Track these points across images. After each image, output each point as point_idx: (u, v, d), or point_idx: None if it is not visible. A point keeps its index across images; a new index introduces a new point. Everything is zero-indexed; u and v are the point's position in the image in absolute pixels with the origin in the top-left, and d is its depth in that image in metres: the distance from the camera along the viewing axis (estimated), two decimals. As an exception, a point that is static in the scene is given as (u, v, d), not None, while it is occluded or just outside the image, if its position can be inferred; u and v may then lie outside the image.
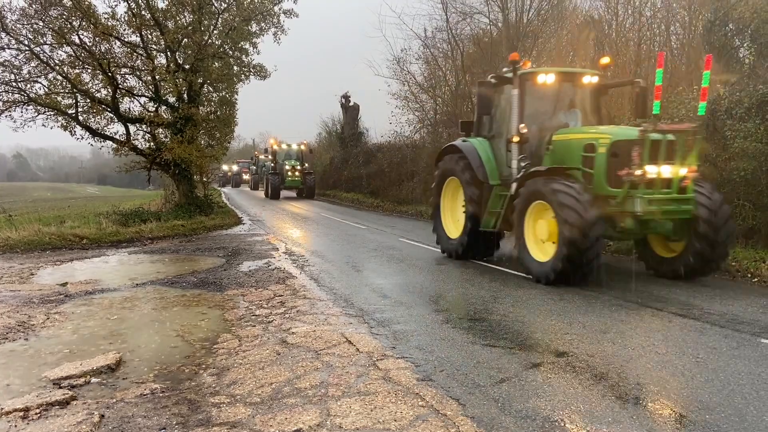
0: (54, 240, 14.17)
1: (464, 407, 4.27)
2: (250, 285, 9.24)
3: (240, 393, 4.70)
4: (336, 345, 5.88)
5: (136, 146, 20.26)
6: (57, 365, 5.43)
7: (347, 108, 38.28)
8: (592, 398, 4.42)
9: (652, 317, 6.84)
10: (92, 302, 8.18)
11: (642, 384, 4.70)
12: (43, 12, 17.90)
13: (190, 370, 5.33)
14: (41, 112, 18.98)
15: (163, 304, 8.05)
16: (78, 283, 9.44)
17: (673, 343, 5.81)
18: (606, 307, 7.39)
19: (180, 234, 16.55)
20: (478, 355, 5.50)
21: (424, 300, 7.96)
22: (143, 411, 4.38)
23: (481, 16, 27.00)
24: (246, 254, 12.63)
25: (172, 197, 22.03)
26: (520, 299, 7.87)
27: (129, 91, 20.04)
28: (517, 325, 6.56)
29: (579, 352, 5.53)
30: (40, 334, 6.59)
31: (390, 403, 4.35)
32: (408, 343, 5.93)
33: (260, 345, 6.01)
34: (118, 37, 19.04)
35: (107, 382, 5.04)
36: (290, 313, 7.34)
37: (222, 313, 7.48)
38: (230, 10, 20.54)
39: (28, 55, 18.43)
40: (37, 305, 7.90)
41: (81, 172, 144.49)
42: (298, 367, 5.23)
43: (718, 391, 4.55)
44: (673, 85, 14.35)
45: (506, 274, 9.83)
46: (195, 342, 6.23)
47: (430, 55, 27.44)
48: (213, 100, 21.89)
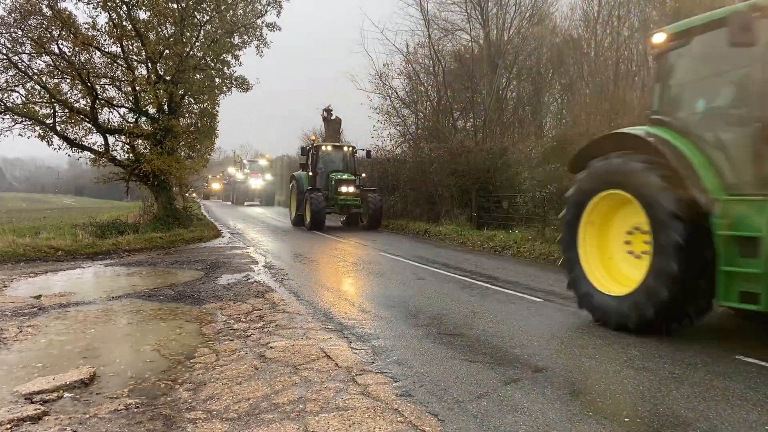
0: (28, 251, 13.94)
1: (443, 423, 4.26)
2: (229, 299, 9.15)
3: (217, 408, 4.64)
4: (315, 360, 5.84)
5: (114, 157, 20.08)
6: (29, 380, 5.31)
7: (329, 121, 38.34)
8: (570, 414, 4.44)
9: (629, 333, 6.89)
10: (67, 315, 8.04)
11: (619, 399, 4.74)
12: (22, 21, 17.74)
13: (166, 385, 5.25)
14: (18, 122, 18.74)
15: (140, 318, 7.94)
16: (52, 296, 9.28)
17: (650, 358, 5.86)
18: (583, 322, 7.43)
19: (158, 246, 16.37)
20: (458, 370, 5.49)
21: (404, 314, 7.95)
22: (117, 427, 4.30)
23: (463, 33, 27.36)
24: (225, 267, 12.53)
25: (150, 209, 21.81)
26: (499, 314, 7.90)
27: (108, 102, 19.89)
28: (496, 340, 6.58)
29: (557, 368, 5.55)
30: (12, 347, 6.45)
31: (369, 419, 4.32)
32: (387, 358, 5.91)
33: (238, 360, 5.94)
34: (99, 48, 18.93)
35: (80, 398, 4.94)
36: (269, 327, 7.28)
37: (199, 327, 7.40)
38: (212, 23, 20.54)
39: (6, 64, 18.23)
40: (9, 318, 7.74)
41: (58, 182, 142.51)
42: (276, 383, 5.18)
43: (694, 407, 4.59)
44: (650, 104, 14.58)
45: (486, 288, 9.87)
46: (171, 356, 6.14)
47: (412, 71, 27.66)
48: (194, 111, 21.81)
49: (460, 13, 26.53)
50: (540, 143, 15.89)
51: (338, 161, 24.24)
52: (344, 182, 22.33)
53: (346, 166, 24.19)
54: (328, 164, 23.94)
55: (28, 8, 17.60)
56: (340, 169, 23.74)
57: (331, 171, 23.22)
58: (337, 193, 22.15)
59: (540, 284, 10.25)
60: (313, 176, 23.45)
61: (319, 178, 23.25)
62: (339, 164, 24.08)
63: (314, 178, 23.45)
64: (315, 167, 23.72)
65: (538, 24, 25.61)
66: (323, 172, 23.35)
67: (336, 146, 24.88)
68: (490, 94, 24.06)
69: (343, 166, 24.11)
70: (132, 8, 18.74)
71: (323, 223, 21.41)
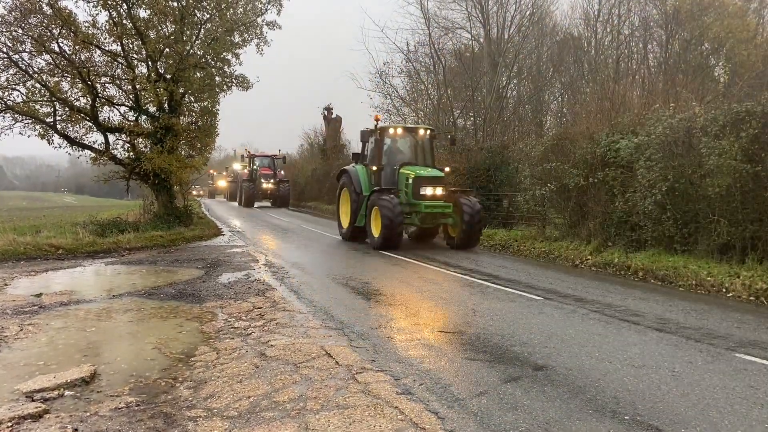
0: (29, 250, 13.93)
1: (443, 421, 4.27)
2: (229, 297, 9.16)
3: (217, 406, 4.65)
4: (315, 358, 5.84)
5: (115, 156, 20.04)
6: (30, 378, 5.32)
7: (329, 120, 38.36)
8: (569, 412, 4.45)
9: (629, 331, 6.90)
10: (67, 314, 8.05)
11: (619, 398, 4.74)
12: (23, 19, 17.71)
13: (167, 383, 5.26)
14: (19, 120, 18.70)
15: (140, 316, 7.94)
16: (53, 294, 9.29)
17: (650, 356, 5.87)
18: (584, 321, 7.45)
19: (158, 245, 16.38)
20: (458, 368, 5.50)
21: (405, 313, 7.95)
22: (118, 425, 4.31)
23: (463, 32, 27.35)
24: (225, 266, 12.54)
25: (150, 207, 21.78)
26: (500, 313, 7.91)
27: (109, 100, 19.85)
28: (497, 338, 6.59)
29: (557, 366, 5.56)
30: (13, 345, 6.46)
31: (369, 417, 4.33)
32: (388, 356, 5.92)
33: (238, 358, 5.95)
34: (99, 46, 18.88)
35: (81, 396, 4.95)
36: (269, 325, 7.29)
37: (200, 326, 7.41)
38: (213, 21, 20.50)
39: (7, 63, 18.19)
40: (10, 316, 7.75)
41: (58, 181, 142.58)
42: (276, 381, 5.19)
43: (694, 405, 4.60)
44: (650, 103, 14.60)
45: (486, 287, 9.88)
46: (172, 355, 6.15)
47: (413, 69, 27.67)
48: (194, 110, 21.76)
49: (461, 11, 26.55)
50: (540, 142, 15.86)
51: (409, 150, 17.48)
52: (427, 181, 15.42)
53: (423, 157, 17.30)
54: (396, 155, 17.26)
55: (28, 7, 17.57)
56: (414, 161, 17.07)
57: (401, 164, 16.46)
58: (420, 197, 15.28)
59: (540, 282, 10.25)
60: (377, 172, 16.37)
61: (385, 175, 16.61)
62: (410, 154, 17.38)
63: (378, 175, 16.41)
64: (378, 159, 16.61)
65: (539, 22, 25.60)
66: (388, 165, 16.69)
67: (409, 129, 17.37)
68: (490, 93, 24.06)
69: (416, 157, 17.35)
70: (132, 7, 18.71)
71: (400, 240, 15.19)
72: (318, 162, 39.80)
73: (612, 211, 12.63)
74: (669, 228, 11.17)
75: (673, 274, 10.26)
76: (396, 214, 14.54)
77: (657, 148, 11.45)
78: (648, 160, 11.57)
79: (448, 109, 26.64)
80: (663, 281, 10.37)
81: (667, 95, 15.56)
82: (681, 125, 11.22)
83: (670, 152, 11.23)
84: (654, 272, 10.66)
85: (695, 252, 10.82)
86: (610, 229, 12.75)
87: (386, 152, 16.96)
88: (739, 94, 15.46)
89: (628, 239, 12.25)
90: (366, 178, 16.69)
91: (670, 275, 10.32)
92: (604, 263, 11.99)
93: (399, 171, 16.15)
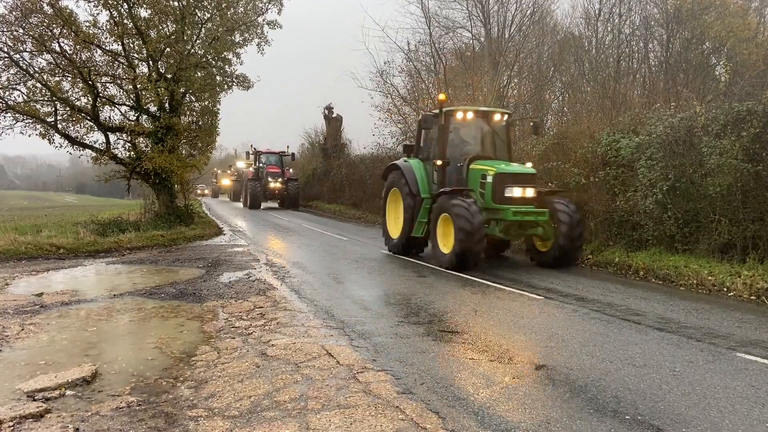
0: (30, 249, 13.94)
1: (444, 420, 4.27)
2: (230, 296, 9.16)
3: (218, 406, 4.65)
4: (316, 357, 5.85)
5: (115, 155, 20.05)
6: (31, 377, 5.33)
7: (330, 119, 38.33)
8: (570, 411, 4.45)
9: (630, 330, 6.90)
10: (68, 313, 8.06)
11: (620, 397, 4.74)
12: (24, 19, 17.71)
13: (168, 383, 5.26)
14: (20, 120, 18.71)
15: (141, 316, 7.95)
16: (54, 294, 9.29)
17: (651, 356, 5.87)
18: (585, 320, 7.45)
19: (159, 244, 16.38)
20: (459, 367, 5.50)
21: (406, 312, 7.96)
22: (119, 424, 4.31)
23: (464, 31, 27.35)
24: (226, 265, 12.54)
25: (151, 207, 21.79)
26: (500, 312, 7.91)
27: (109, 100, 19.86)
28: (497, 338, 6.59)
29: (558, 365, 5.56)
30: (14, 345, 6.47)
31: (370, 417, 4.33)
32: (388, 355, 5.92)
33: (239, 357, 5.96)
34: (100, 46, 18.89)
35: (83, 395, 4.96)
36: (270, 325, 7.29)
37: (201, 325, 7.41)
38: (213, 20, 20.49)
39: (7, 62, 18.21)
40: (11, 316, 7.76)
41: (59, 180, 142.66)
42: (277, 380, 5.19)
43: (695, 404, 4.60)
44: (651, 102, 14.59)
45: (487, 286, 9.87)
46: (173, 354, 6.15)
47: (413, 68, 27.65)
48: (195, 109, 21.77)
49: (461, 10, 26.54)
50: (541, 141, 15.84)
51: (479, 140, 13.43)
52: (514, 179, 11.80)
53: (495, 149, 13.44)
54: (461, 146, 13.33)
55: (29, 6, 17.57)
56: (488, 154, 13.17)
57: (469, 158, 12.68)
58: (503, 200, 11.61)
59: (541, 282, 10.24)
60: (443, 167, 12.55)
61: (450, 172, 12.69)
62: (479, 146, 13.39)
63: (444, 171, 12.67)
64: (443, 151, 12.75)
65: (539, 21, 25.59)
66: (451, 159, 12.80)
67: (482, 112, 13.26)
68: (491, 92, 24.03)
69: (486, 148, 13.38)
70: (133, 6, 18.71)
71: (479, 258, 11.46)
72: (319, 161, 39.77)
73: (613, 210, 12.62)
74: (670, 227, 11.17)
75: (674, 274, 10.25)
76: (476, 223, 10.87)
77: (658, 148, 11.45)
78: (649, 160, 11.57)
79: (448, 108, 26.60)
80: (664, 281, 10.36)
81: (668, 94, 15.56)
82: (682, 124, 11.21)
83: (671, 151, 11.23)
84: (655, 271, 10.66)
85: (696, 251, 10.82)
86: (611, 229, 12.75)
87: (450, 143, 13.03)
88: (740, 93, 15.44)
89: (628, 238, 12.25)
90: (424, 176, 13.26)
91: (671, 274, 10.31)
92: (605, 262, 11.99)
93: (468, 167, 12.54)
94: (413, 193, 13.18)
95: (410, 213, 13.19)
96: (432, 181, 13.14)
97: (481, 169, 12.28)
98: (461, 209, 11.11)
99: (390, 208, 14.44)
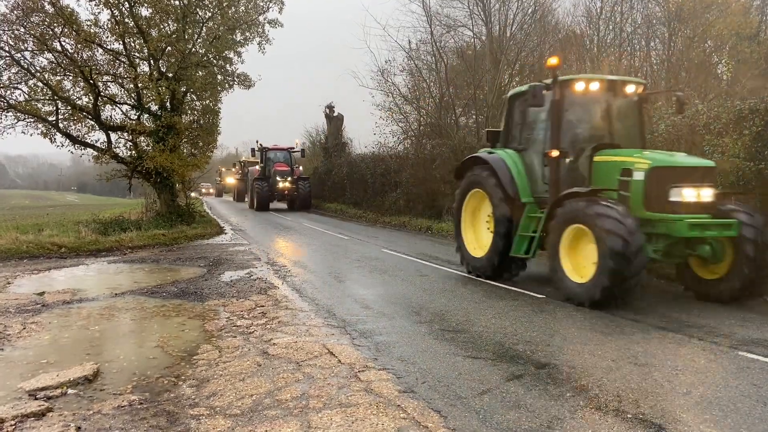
0: (32, 248, 13.96)
1: (446, 419, 4.27)
2: (232, 295, 9.17)
3: (220, 405, 4.65)
4: (318, 356, 5.84)
5: (117, 154, 20.09)
6: (33, 376, 5.33)
7: (331, 118, 38.31)
8: (572, 410, 4.44)
9: (632, 329, 6.89)
10: (70, 312, 8.06)
11: (621, 396, 4.74)
12: (25, 18, 17.74)
13: (169, 382, 5.26)
14: (21, 119, 18.75)
15: (143, 315, 7.95)
16: (56, 293, 9.30)
17: (652, 355, 5.86)
18: (586, 318, 7.44)
19: (161, 243, 16.39)
20: (460, 366, 5.50)
21: (407, 311, 7.96)
22: (120, 423, 4.32)
23: (465, 29, 27.28)
24: (227, 264, 12.55)
25: (153, 206, 21.82)
26: (502, 311, 7.90)
27: (111, 99, 19.90)
28: (499, 336, 6.58)
29: (560, 364, 5.55)
30: (16, 344, 6.47)
31: (371, 415, 4.33)
32: (390, 354, 5.92)
33: (241, 356, 5.96)
34: (101, 45, 18.92)
35: (84, 394, 4.96)
36: (272, 323, 7.29)
37: (202, 324, 7.41)
38: (215, 19, 20.52)
39: (9, 62, 18.24)
40: (13, 315, 7.76)
41: (60, 179, 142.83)
42: (279, 379, 5.19)
43: (697, 403, 4.59)
44: (652, 101, 14.56)
45: (488, 285, 9.86)
46: (174, 353, 6.15)
47: (414, 67, 27.59)
48: (196, 108, 21.80)
49: (463, 9, 26.48)
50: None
51: (601, 122, 9.96)
52: (684, 175, 8.43)
53: (626, 134, 10.00)
54: (582, 129, 9.97)
55: (30, 5, 17.60)
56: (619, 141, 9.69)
57: (593, 147, 9.30)
58: (668, 208, 8.27)
59: (542, 281, 10.23)
60: (558, 159, 9.21)
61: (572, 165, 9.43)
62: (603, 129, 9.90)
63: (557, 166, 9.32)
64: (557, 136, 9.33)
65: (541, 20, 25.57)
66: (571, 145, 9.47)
67: (611, 82, 9.65)
68: (492, 91, 24.00)
69: (613, 133, 9.85)
70: (134, 5, 18.74)
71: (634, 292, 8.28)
72: (320, 160, 39.79)
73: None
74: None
75: (676, 273, 10.22)
76: (636, 243, 7.67)
77: (660, 146, 11.43)
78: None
79: (450, 107, 26.61)
80: (666, 279, 10.35)
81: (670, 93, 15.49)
82: (684, 123, 11.19)
83: (673, 150, 11.17)
84: (656, 270, 10.63)
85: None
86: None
87: (567, 125, 9.53)
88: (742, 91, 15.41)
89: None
90: (523, 172, 9.92)
91: (672, 273, 10.28)
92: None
93: (591, 159, 9.18)
94: (510, 196, 9.80)
95: (506, 225, 9.83)
96: (530, 178, 9.89)
97: (618, 162, 8.82)
98: (612, 222, 7.72)
99: (468, 217, 11.14)
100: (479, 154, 10.89)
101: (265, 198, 32.01)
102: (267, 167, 33.71)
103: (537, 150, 9.92)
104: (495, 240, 10.06)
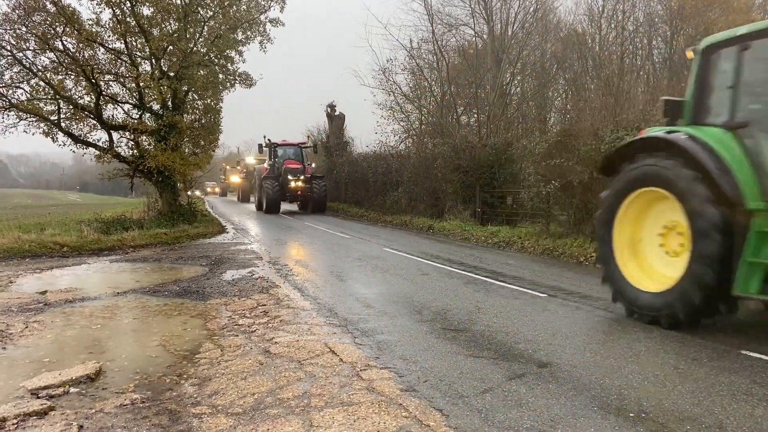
0: (34, 247, 13.98)
1: (447, 418, 4.26)
2: (233, 294, 9.17)
3: (222, 403, 4.65)
4: (319, 355, 5.85)
5: (119, 153, 20.11)
6: (35, 375, 5.34)
7: (333, 117, 38.35)
8: (574, 409, 4.44)
9: (634, 328, 6.88)
10: (72, 311, 8.07)
11: (624, 394, 4.73)
12: (27, 17, 17.76)
13: (172, 380, 5.27)
14: (23, 118, 18.76)
15: (145, 314, 7.96)
16: (58, 292, 9.31)
17: (655, 353, 5.85)
18: (588, 317, 7.43)
19: (162, 242, 16.41)
20: (462, 365, 5.50)
21: (408, 310, 7.95)
22: (123, 422, 4.32)
23: (467, 28, 27.31)
24: (229, 263, 12.55)
25: (155, 205, 21.85)
26: (504, 310, 7.89)
27: (112, 98, 19.92)
28: (501, 335, 6.58)
29: (562, 363, 5.55)
30: (18, 343, 6.48)
31: (373, 414, 4.33)
32: (392, 353, 5.92)
33: (243, 355, 5.96)
34: (102, 44, 18.94)
35: (86, 393, 4.96)
36: (273, 322, 7.30)
37: (204, 323, 7.42)
38: (216, 18, 20.53)
39: (11, 61, 18.25)
40: (15, 314, 7.77)
41: (62, 179, 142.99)
42: (280, 378, 5.19)
43: (699, 401, 4.59)
44: (655, 99, 14.55)
45: (490, 284, 9.86)
46: (177, 352, 6.16)
47: (416, 66, 27.63)
48: (198, 107, 21.83)
49: (464, 8, 26.51)
50: (544, 138, 15.83)
51: None
52: None
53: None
54: None
55: (32, 4, 17.62)
56: None
57: None
58: None
59: (544, 279, 10.23)
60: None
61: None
62: None
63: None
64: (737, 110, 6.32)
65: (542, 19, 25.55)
66: None
67: None
68: (494, 90, 24.00)
69: None
70: (135, 4, 18.75)
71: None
72: (321, 159, 39.82)
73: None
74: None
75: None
76: None
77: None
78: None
79: (451, 106, 26.61)
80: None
81: (672, 91, 15.50)
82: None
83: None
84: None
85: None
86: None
87: None
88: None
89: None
90: (745, 161, 6.28)
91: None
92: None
93: None
94: (726, 197, 6.19)
95: (718, 243, 6.15)
96: (764, 172, 6.14)
97: None
98: None
99: (627, 230, 7.49)
100: (657, 134, 7.09)
101: (275, 199, 28.73)
102: (276, 165, 30.44)
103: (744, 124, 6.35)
104: (696, 266, 6.33)
